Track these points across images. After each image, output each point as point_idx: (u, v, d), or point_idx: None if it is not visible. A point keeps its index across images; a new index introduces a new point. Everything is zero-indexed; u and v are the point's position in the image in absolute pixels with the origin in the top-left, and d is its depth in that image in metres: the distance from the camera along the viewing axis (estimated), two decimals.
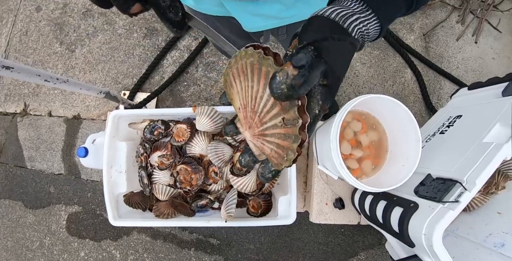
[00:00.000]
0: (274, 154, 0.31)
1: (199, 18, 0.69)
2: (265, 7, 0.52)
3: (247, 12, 0.54)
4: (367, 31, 0.31)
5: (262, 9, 0.53)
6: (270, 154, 0.32)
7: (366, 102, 0.60)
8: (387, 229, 0.63)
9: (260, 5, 0.52)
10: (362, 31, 0.31)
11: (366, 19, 0.31)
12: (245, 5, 0.52)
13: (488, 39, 1.50)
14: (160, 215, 0.84)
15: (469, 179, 0.50)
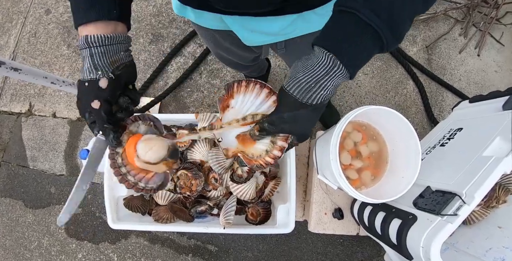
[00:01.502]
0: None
1: (200, 31, 0.71)
2: (264, 23, 0.53)
3: (246, 28, 0.55)
4: (335, 83, 0.36)
5: (261, 26, 0.54)
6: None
7: (367, 113, 0.61)
8: (385, 241, 0.62)
9: (259, 22, 0.53)
10: (327, 94, 0.36)
11: (338, 73, 0.35)
12: (244, 21, 0.53)
13: (491, 52, 1.51)
14: (159, 219, 0.84)
15: (468, 193, 0.50)
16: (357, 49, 0.33)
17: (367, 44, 0.33)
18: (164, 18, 1.61)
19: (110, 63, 0.42)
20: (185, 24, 1.59)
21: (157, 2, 1.64)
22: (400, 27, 0.33)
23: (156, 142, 0.45)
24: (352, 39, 0.33)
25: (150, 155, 0.44)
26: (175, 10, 0.60)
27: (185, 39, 1.54)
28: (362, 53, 0.34)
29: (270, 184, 0.85)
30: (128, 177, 0.46)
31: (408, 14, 0.33)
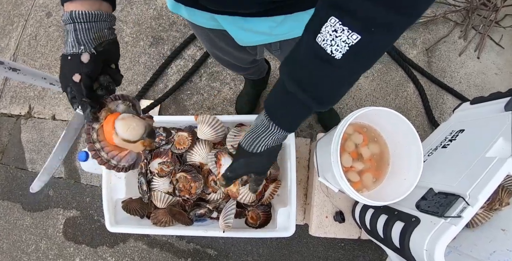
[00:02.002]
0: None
1: (195, 30, 0.71)
2: (255, 23, 0.53)
3: (239, 27, 0.55)
4: (272, 142, 0.45)
5: (253, 25, 0.54)
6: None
7: (368, 114, 0.61)
8: (388, 244, 0.61)
9: (250, 21, 0.53)
10: (268, 144, 0.45)
11: (279, 135, 0.44)
12: (236, 20, 0.53)
13: (491, 54, 1.51)
14: (158, 222, 0.83)
15: (471, 194, 0.49)
16: (290, 114, 0.40)
17: (298, 110, 0.39)
18: (164, 21, 1.62)
19: (93, 39, 0.43)
20: (185, 27, 1.60)
21: (157, 5, 1.64)
22: (325, 95, 0.36)
23: (135, 121, 0.47)
24: (285, 106, 0.39)
25: (129, 133, 0.46)
26: (169, 7, 0.60)
27: (185, 42, 1.54)
28: (295, 118, 0.41)
29: (270, 187, 0.84)
30: (102, 153, 0.47)
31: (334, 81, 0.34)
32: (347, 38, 0.30)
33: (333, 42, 0.30)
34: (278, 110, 0.40)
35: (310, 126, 1.43)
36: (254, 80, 1.28)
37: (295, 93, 0.36)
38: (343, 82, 0.35)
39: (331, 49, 0.31)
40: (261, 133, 0.44)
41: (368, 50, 0.31)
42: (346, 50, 0.30)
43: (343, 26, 0.29)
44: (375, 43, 0.31)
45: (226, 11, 0.50)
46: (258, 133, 0.44)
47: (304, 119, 0.41)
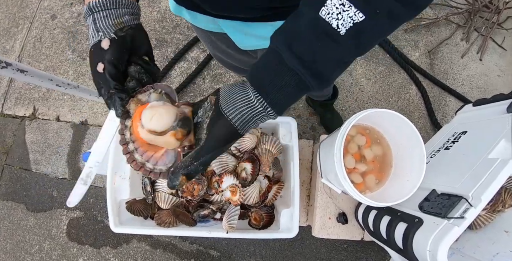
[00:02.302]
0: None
1: (197, 32, 0.71)
2: (255, 28, 0.54)
3: (239, 31, 0.56)
4: (260, 123, 0.36)
5: (253, 29, 0.54)
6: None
7: (371, 116, 0.61)
8: (391, 245, 0.62)
9: (250, 26, 0.54)
10: (254, 126, 0.36)
11: (264, 116, 0.35)
12: (237, 25, 0.54)
13: (493, 56, 1.51)
14: (162, 223, 0.83)
15: (474, 195, 0.49)
16: (283, 93, 0.33)
17: (293, 89, 0.33)
18: (168, 24, 1.63)
19: (112, 25, 0.40)
20: (188, 30, 1.61)
21: (161, 8, 1.66)
22: (326, 72, 0.32)
23: (165, 107, 0.39)
24: (278, 84, 0.33)
25: (154, 122, 0.38)
26: (172, 10, 0.61)
27: (189, 44, 1.55)
28: (288, 98, 0.34)
29: (273, 189, 0.85)
30: (136, 155, 0.40)
31: (336, 58, 0.32)
32: (354, 15, 0.29)
33: (339, 16, 0.29)
34: (269, 88, 0.34)
35: (312, 128, 1.44)
36: None
37: (293, 68, 0.32)
38: (341, 61, 0.32)
39: (337, 23, 0.30)
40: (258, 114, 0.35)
41: (369, 32, 0.31)
42: (350, 26, 0.30)
43: (350, 2, 0.29)
44: (377, 27, 0.31)
45: (226, 15, 0.51)
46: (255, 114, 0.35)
47: (294, 100, 0.35)
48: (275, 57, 0.33)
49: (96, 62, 0.39)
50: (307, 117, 1.45)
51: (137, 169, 0.40)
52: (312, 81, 0.32)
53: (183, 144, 0.39)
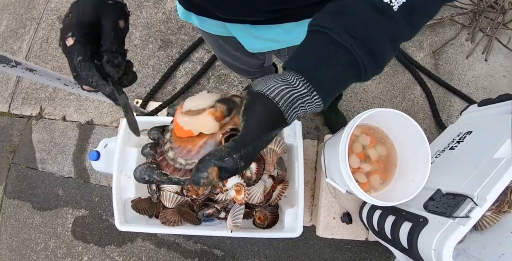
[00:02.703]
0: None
1: (205, 36, 0.72)
2: (264, 30, 0.54)
3: (248, 34, 0.56)
4: (304, 112, 0.30)
5: (262, 32, 0.55)
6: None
7: (375, 116, 0.61)
8: (395, 245, 0.62)
9: (259, 29, 0.54)
10: (299, 114, 0.29)
11: (309, 102, 0.29)
12: (246, 28, 0.54)
13: (498, 57, 1.50)
14: (167, 222, 0.84)
15: (479, 195, 0.49)
16: (331, 74, 0.29)
17: (343, 68, 0.29)
18: (173, 25, 1.65)
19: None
20: (193, 31, 1.63)
21: (166, 9, 1.68)
22: (379, 49, 0.29)
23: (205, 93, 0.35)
24: (325, 62, 0.28)
25: (195, 100, 0.33)
26: (180, 15, 0.62)
27: (194, 45, 1.57)
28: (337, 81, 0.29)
29: (278, 188, 0.85)
30: (169, 153, 0.33)
31: (388, 35, 0.29)
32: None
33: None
34: (315, 70, 0.28)
35: (317, 129, 1.44)
36: None
37: (344, 44, 0.28)
38: (394, 40, 0.30)
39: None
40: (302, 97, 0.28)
41: (421, 10, 0.30)
42: (402, 2, 0.28)
43: None
44: (428, 5, 0.30)
45: (236, 19, 0.51)
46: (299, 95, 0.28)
47: (342, 86, 0.30)
48: (320, 38, 0.29)
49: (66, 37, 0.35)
50: (311, 118, 1.46)
51: (170, 172, 0.32)
52: (365, 59, 0.28)
53: (226, 128, 0.31)
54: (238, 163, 0.26)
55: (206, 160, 0.26)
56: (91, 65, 0.34)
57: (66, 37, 0.34)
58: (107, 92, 0.36)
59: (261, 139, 0.27)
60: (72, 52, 0.33)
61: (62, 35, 0.34)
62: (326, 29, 0.29)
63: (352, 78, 0.30)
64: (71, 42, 0.33)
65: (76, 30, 0.34)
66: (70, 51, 0.34)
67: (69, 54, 0.34)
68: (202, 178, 0.25)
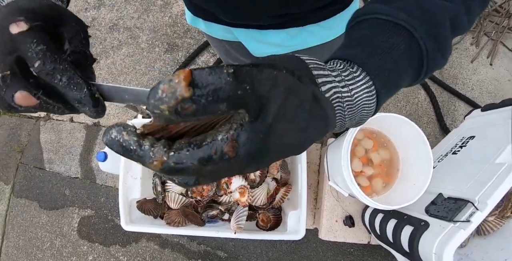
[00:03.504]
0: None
1: (211, 41, 0.74)
2: (270, 36, 0.56)
3: (253, 39, 0.58)
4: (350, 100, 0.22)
5: (267, 37, 0.56)
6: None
7: (378, 120, 0.62)
8: (397, 248, 0.62)
9: (265, 34, 0.55)
10: (341, 97, 0.21)
11: (352, 82, 0.22)
12: (251, 33, 0.56)
13: (503, 61, 1.50)
14: (171, 223, 0.85)
15: (481, 199, 0.50)
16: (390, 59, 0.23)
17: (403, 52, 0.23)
18: (179, 28, 1.67)
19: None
20: (199, 34, 1.65)
21: (172, 13, 1.70)
22: (442, 32, 0.24)
23: None
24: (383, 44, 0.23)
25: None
26: (188, 21, 0.64)
27: (199, 49, 1.59)
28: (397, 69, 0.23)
29: (281, 191, 0.86)
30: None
31: (448, 16, 0.24)
32: None
33: None
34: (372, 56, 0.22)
35: None
36: None
37: (403, 24, 0.23)
38: (453, 22, 0.25)
39: None
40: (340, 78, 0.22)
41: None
42: None
43: None
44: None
45: (242, 23, 0.53)
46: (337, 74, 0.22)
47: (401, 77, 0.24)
48: (371, 23, 0.25)
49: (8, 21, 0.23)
50: None
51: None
52: (429, 41, 0.23)
53: None
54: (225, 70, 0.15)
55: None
56: (61, 56, 0.22)
57: (13, 21, 0.22)
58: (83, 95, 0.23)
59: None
60: (26, 40, 0.21)
61: (3, 20, 0.22)
62: (376, 14, 0.24)
63: (410, 70, 0.24)
64: (23, 27, 0.22)
65: (30, 15, 0.22)
66: (20, 39, 0.22)
67: (17, 44, 0.22)
68: (161, 83, 0.15)
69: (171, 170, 0.16)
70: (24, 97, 0.21)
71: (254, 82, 0.15)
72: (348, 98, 0.21)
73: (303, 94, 0.17)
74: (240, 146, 0.16)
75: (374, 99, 0.23)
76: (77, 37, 0.25)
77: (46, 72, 0.22)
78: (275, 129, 0.16)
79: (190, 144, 0.16)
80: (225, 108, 0.15)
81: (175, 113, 0.15)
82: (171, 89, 0.15)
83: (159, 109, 0.15)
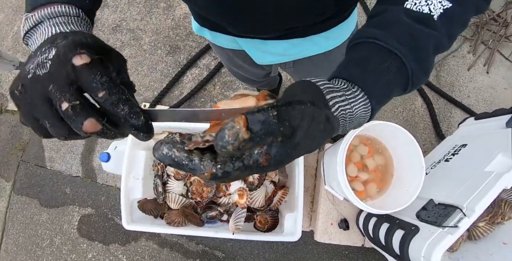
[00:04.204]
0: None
1: (215, 48, 0.77)
2: (273, 46, 0.59)
3: (258, 49, 0.61)
4: (351, 113, 0.27)
5: (271, 47, 0.59)
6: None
7: (374, 127, 0.65)
8: (389, 251, 0.65)
9: (268, 44, 0.59)
10: (345, 113, 0.27)
11: (353, 100, 0.27)
12: (255, 42, 0.59)
13: (500, 69, 1.53)
14: (171, 223, 0.88)
15: (469, 206, 0.52)
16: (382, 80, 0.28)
17: (393, 75, 0.28)
18: (181, 31, 1.69)
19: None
20: (201, 38, 1.67)
21: (175, 16, 1.73)
22: (426, 57, 0.29)
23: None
24: (376, 68, 0.28)
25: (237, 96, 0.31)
26: (194, 30, 0.66)
27: (201, 52, 1.61)
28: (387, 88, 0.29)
29: (278, 193, 0.88)
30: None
31: (432, 43, 0.30)
32: (443, 1, 0.30)
33: (429, 2, 0.30)
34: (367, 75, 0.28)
35: None
36: (265, 90, 1.33)
37: (395, 51, 0.28)
38: (436, 48, 0.30)
39: (428, 8, 0.30)
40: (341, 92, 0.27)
41: (458, 19, 0.31)
42: (440, 12, 0.30)
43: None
44: (464, 15, 0.31)
45: (247, 35, 0.56)
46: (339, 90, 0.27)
47: (390, 94, 0.30)
48: (367, 48, 0.30)
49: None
50: None
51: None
52: (414, 65, 0.28)
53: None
54: (271, 113, 0.21)
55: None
56: (121, 87, 0.25)
57: (75, 53, 0.23)
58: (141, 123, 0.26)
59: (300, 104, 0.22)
60: (90, 72, 0.23)
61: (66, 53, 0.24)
62: (374, 39, 0.29)
63: (399, 87, 0.30)
64: (86, 60, 0.23)
65: (87, 49, 0.24)
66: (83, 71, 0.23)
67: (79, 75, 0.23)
68: (226, 129, 0.20)
69: (217, 178, 0.21)
70: (92, 124, 0.24)
71: (290, 118, 0.21)
72: (350, 112, 0.27)
73: (320, 118, 0.23)
74: (272, 158, 0.21)
75: (369, 112, 0.29)
76: (122, 69, 0.28)
77: (111, 102, 0.24)
78: (299, 146, 0.22)
79: (232, 158, 0.21)
80: (271, 140, 0.21)
81: (237, 149, 0.20)
82: (234, 134, 0.20)
83: (226, 148, 0.20)
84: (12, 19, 2.00)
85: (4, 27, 1.99)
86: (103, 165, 0.96)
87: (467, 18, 0.33)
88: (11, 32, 1.97)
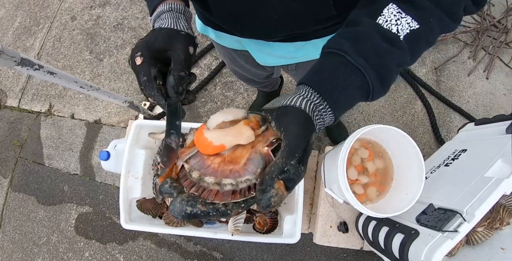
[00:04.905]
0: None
1: (218, 48, 0.77)
2: (277, 48, 0.59)
3: (261, 51, 0.62)
4: (322, 123, 0.33)
5: (274, 49, 0.60)
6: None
7: (374, 131, 0.65)
8: (388, 255, 0.65)
9: (272, 46, 0.59)
10: (319, 123, 0.32)
11: (324, 111, 0.32)
12: (259, 44, 0.60)
13: (500, 75, 1.54)
14: (170, 223, 0.87)
15: (469, 211, 0.53)
16: (345, 94, 0.32)
17: (355, 90, 0.32)
18: None
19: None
20: (202, 37, 1.67)
21: None
22: (387, 74, 0.33)
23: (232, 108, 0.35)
24: (341, 83, 0.32)
25: (224, 114, 0.32)
26: (198, 29, 0.66)
27: (202, 52, 1.61)
28: (349, 101, 0.33)
29: None
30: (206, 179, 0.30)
31: (395, 62, 0.33)
32: (411, 21, 0.32)
33: (398, 22, 0.32)
34: (333, 89, 0.32)
35: (318, 139, 1.47)
36: (267, 92, 1.34)
37: (360, 68, 0.31)
38: (399, 66, 0.33)
39: (396, 28, 0.32)
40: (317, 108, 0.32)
41: (423, 40, 0.33)
42: (407, 32, 0.32)
43: (404, 12, 0.32)
44: (430, 36, 0.34)
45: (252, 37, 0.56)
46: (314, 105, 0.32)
47: (351, 105, 0.34)
48: (337, 60, 0.32)
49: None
50: None
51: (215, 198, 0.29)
52: (375, 82, 0.32)
53: (267, 140, 0.31)
54: (299, 168, 0.26)
55: (267, 178, 0.26)
56: (153, 86, 0.37)
57: (136, 56, 0.37)
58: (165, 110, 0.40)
59: (306, 141, 0.28)
60: (139, 71, 0.37)
61: (132, 54, 0.38)
62: (344, 53, 0.32)
63: (360, 99, 0.34)
64: (139, 61, 0.37)
65: (145, 51, 0.38)
66: (138, 69, 0.38)
67: (137, 72, 0.38)
68: (271, 197, 0.25)
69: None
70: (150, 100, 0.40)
71: (303, 160, 0.27)
72: (322, 123, 0.33)
73: (312, 144, 0.30)
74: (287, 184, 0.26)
75: (333, 120, 0.34)
76: (178, 59, 0.38)
77: (148, 94, 0.38)
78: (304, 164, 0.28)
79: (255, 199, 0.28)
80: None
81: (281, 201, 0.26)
82: (280, 199, 0.25)
83: (270, 208, 0.26)
84: (13, 14, 1.99)
85: (5, 23, 1.98)
86: (102, 163, 0.96)
87: (433, 38, 0.35)
88: (11, 28, 1.96)
